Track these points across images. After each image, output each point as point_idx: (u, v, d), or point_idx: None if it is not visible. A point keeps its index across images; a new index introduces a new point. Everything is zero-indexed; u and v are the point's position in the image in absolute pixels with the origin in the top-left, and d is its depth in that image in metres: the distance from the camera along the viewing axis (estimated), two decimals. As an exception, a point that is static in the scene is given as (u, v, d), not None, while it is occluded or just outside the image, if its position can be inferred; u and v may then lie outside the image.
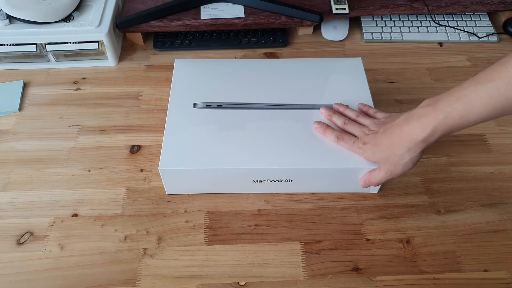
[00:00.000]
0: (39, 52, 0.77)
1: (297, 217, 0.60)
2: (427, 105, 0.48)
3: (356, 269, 0.55)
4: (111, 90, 0.77)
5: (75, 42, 0.76)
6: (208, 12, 0.83)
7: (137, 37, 0.84)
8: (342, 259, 0.56)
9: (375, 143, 0.53)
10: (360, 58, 0.69)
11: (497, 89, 0.42)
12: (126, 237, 0.58)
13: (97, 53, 0.79)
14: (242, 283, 0.54)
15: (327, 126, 0.58)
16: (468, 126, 0.46)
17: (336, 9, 0.83)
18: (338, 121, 0.59)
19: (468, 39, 0.85)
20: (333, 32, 0.86)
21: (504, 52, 0.83)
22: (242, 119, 0.61)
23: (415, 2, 0.84)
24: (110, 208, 0.61)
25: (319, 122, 0.59)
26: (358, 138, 0.56)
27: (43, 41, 0.76)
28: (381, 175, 0.54)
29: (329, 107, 0.61)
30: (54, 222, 0.59)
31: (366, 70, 0.68)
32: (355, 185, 0.60)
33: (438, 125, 0.46)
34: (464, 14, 0.88)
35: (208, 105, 0.62)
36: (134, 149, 0.68)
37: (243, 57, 0.83)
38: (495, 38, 0.85)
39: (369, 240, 0.58)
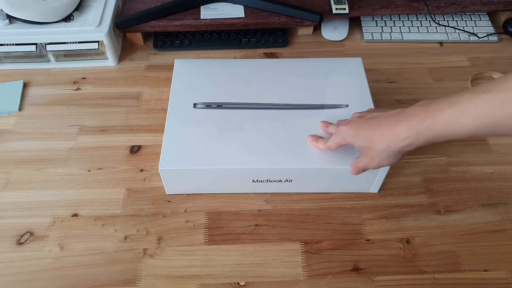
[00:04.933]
0: (39, 52, 0.77)
1: (297, 217, 0.60)
2: (421, 104, 0.45)
3: (356, 269, 0.55)
4: (111, 90, 0.77)
5: (75, 42, 0.76)
6: (208, 12, 0.83)
7: (137, 37, 0.84)
8: (342, 259, 0.56)
9: (357, 127, 0.50)
10: (360, 58, 0.69)
11: (490, 103, 0.38)
12: (126, 237, 0.58)
13: (97, 53, 0.79)
14: (242, 283, 0.54)
15: (318, 137, 0.57)
16: (454, 138, 0.42)
17: (336, 9, 0.83)
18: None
19: (468, 39, 0.85)
20: (333, 32, 0.86)
21: (504, 52, 0.83)
22: (242, 119, 0.61)
23: (415, 2, 0.84)
24: (110, 208, 0.61)
25: (311, 136, 0.58)
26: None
27: (43, 41, 0.76)
28: (360, 164, 0.53)
29: (326, 122, 0.60)
30: (54, 222, 0.59)
31: (366, 70, 0.68)
32: (355, 185, 0.60)
33: (423, 128, 0.43)
34: (464, 14, 0.88)
35: (208, 105, 0.62)
36: (134, 149, 0.68)
37: (243, 57, 0.83)
38: (495, 38, 0.85)
39: (369, 240, 0.58)
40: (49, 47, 0.76)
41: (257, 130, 0.59)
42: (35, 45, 0.76)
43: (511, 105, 0.37)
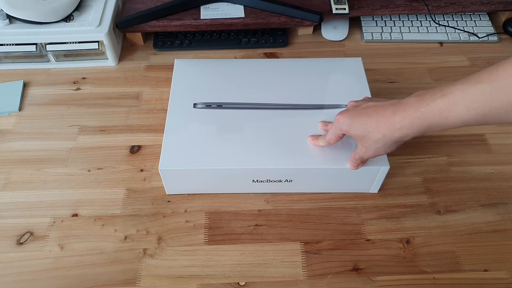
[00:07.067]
0: (39, 52, 0.77)
1: (297, 217, 0.60)
2: (416, 95, 0.45)
3: (356, 269, 0.55)
4: (111, 90, 0.77)
5: (75, 42, 0.76)
6: (208, 12, 0.83)
7: (137, 37, 0.84)
8: (342, 259, 0.56)
9: (353, 116, 0.50)
10: (360, 58, 0.69)
11: (482, 93, 0.39)
12: (126, 237, 0.58)
13: (97, 53, 0.79)
14: (242, 283, 0.54)
15: (317, 136, 0.58)
16: (448, 128, 0.43)
17: (336, 9, 0.83)
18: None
19: (468, 39, 0.85)
20: (333, 32, 0.86)
21: (504, 52, 0.83)
22: (242, 119, 0.61)
23: (415, 2, 0.84)
24: (110, 208, 0.61)
25: (311, 136, 0.58)
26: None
27: (43, 41, 0.76)
28: (357, 156, 0.53)
29: (326, 121, 0.60)
30: (54, 222, 0.59)
31: (366, 70, 0.68)
32: (355, 185, 0.60)
33: (417, 118, 0.43)
34: (464, 14, 0.88)
35: (208, 105, 0.62)
36: (134, 149, 0.68)
37: (243, 57, 0.83)
38: (495, 38, 0.85)
39: (369, 240, 0.58)
40: (49, 47, 0.76)
41: (257, 130, 0.59)
42: (35, 45, 0.76)
43: (502, 95, 0.38)
